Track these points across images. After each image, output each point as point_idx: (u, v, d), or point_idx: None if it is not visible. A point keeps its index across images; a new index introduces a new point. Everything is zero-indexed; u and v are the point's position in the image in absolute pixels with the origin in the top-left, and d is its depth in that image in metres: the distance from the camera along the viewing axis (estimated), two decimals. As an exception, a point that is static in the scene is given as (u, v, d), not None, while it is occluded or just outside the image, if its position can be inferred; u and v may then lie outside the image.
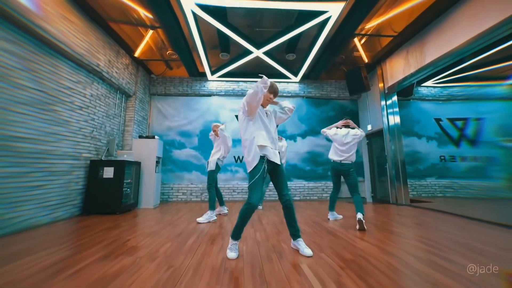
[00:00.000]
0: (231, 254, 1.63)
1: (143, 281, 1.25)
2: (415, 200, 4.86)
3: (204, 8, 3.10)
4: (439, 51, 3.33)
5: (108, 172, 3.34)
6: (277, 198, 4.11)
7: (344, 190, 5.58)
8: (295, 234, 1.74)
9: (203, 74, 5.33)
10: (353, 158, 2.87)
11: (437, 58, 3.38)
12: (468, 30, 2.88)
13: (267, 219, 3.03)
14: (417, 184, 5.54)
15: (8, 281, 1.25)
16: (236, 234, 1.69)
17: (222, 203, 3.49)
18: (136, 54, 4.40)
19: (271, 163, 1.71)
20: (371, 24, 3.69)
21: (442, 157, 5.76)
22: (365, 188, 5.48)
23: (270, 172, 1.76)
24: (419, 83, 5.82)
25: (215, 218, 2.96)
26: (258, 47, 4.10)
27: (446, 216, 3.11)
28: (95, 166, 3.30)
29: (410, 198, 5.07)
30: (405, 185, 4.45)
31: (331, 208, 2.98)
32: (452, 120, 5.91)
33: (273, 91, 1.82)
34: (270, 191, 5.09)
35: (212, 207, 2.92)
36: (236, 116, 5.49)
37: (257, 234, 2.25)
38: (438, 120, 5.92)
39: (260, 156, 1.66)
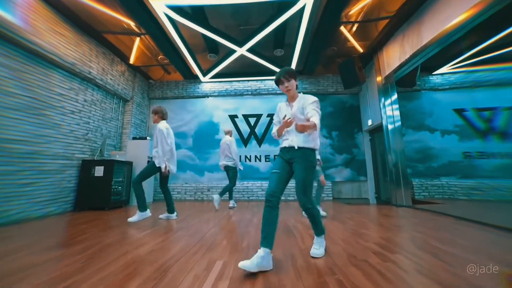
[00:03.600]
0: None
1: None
2: (423, 202, 4.34)
3: (177, 10, 3.19)
4: (435, 30, 2.92)
5: (99, 171, 3.59)
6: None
7: (344, 190, 5.23)
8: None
9: (197, 76, 5.48)
10: None
11: (433, 39, 2.97)
12: (464, 4, 2.50)
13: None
14: (428, 184, 4.94)
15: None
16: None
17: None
18: (131, 61, 4.70)
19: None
20: (356, 8, 3.40)
21: (467, 154, 5.02)
22: (368, 188, 5.07)
23: None
24: (428, 70, 5.22)
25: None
26: (240, 45, 4.08)
27: (443, 219, 2.70)
28: (87, 166, 3.59)
29: (416, 199, 4.57)
30: (406, 185, 4.00)
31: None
32: (477, 110, 5.12)
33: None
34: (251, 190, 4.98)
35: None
36: (230, 116, 5.52)
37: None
38: (460, 111, 5.18)
39: None
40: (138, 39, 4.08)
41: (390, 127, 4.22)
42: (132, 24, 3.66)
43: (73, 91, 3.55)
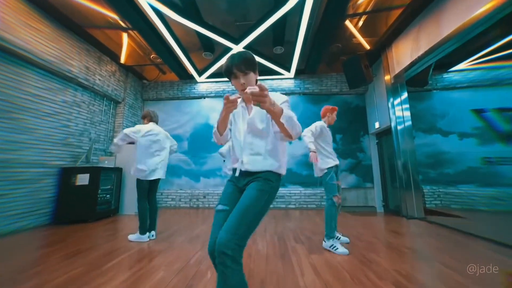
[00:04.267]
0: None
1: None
2: (436, 212, 3.96)
3: (167, 3, 2.88)
4: (457, 20, 2.53)
5: (83, 179, 3.32)
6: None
7: (349, 197, 4.87)
8: None
9: (193, 76, 5.19)
10: None
11: (454, 31, 2.57)
12: None
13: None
14: (442, 192, 4.54)
15: None
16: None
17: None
18: (122, 60, 4.43)
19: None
20: None
21: (487, 159, 4.55)
22: (375, 195, 4.71)
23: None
24: (441, 68, 4.80)
25: None
26: (236, 42, 3.76)
27: (469, 240, 2.34)
28: (67, 174, 3.31)
29: (431, 209, 4.18)
30: (417, 192, 3.63)
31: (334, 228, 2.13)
32: (500, 111, 4.59)
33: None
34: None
35: None
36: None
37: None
38: (479, 112, 4.68)
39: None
40: (125, 35, 3.80)
41: (399, 128, 3.86)
42: (117, 18, 3.37)
43: (50, 92, 3.27)
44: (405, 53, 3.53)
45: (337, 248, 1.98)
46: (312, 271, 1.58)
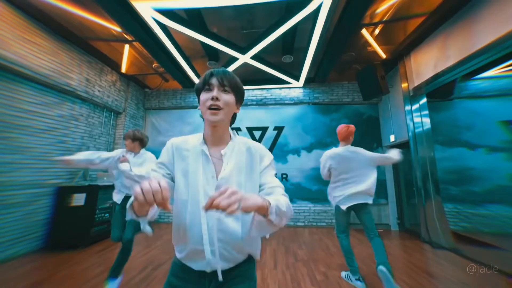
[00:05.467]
0: None
1: None
2: (463, 237, 3.56)
3: (167, 13, 2.67)
4: (492, 34, 2.24)
5: (79, 199, 3.12)
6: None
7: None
8: None
9: (196, 85, 4.97)
10: None
11: (488, 45, 2.29)
12: None
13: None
14: (468, 213, 4.18)
15: None
16: None
17: None
18: (123, 70, 4.24)
19: None
20: (385, 6, 2.79)
21: None
22: (389, 212, 4.41)
23: None
24: (466, 75, 4.43)
25: None
26: (243, 52, 3.53)
27: None
28: (63, 193, 3.10)
29: (456, 232, 3.73)
30: (439, 215, 3.33)
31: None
32: None
33: None
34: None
35: None
36: (232, 129, 4.97)
37: None
38: (508, 123, 4.28)
39: None
40: (127, 46, 3.61)
41: (419, 140, 3.56)
42: (118, 30, 3.19)
43: (46, 107, 3.08)
44: (427, 63, 3.24)
45: (352, 281, 1.98)
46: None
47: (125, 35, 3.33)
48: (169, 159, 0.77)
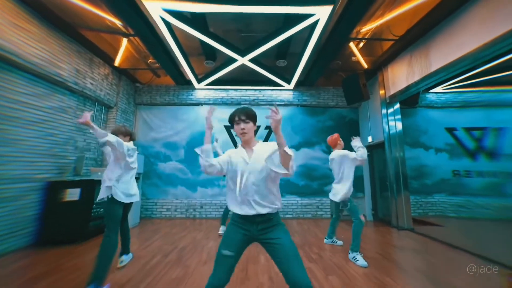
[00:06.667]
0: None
1: None
2: (420, 221, 4.34)
3: (175, 14, 2.77)
4: (446, 58, 2.86)
5: (73, 194, 3.04)
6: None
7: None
8: None
9: (190, 82, 5.03)
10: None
11: (444, 66, 2.91)
12: (480, 35, 2.42)
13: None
14: (423, 202, 4.99)
15: None
16: None
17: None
18: (116, 63, 4.14)
19: None
20: (368, 27, 3.28)
21: (456, 172, 5.14)
22: (365, 205, 5.00)
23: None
24: (426, 89, 5.27)
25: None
26: (242, 54, 3.74)
27: (457, 255, 2.62)
28: (54, 188, 3.01)
29: (414, 217, 4.52)
30: (407, 204, 3.96)
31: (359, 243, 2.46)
32: (468, 130, 5.23)
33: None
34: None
35: None
36: (225, 127, 5.15)
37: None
38: (451, 130, 5.28)
39: None
40: (125, 40, 3.57)
41: (393, 141, 4.16)
42: (118, 23, 3.16)
43: (36, 98, 2.95)
44: (400, 76, 3.81)
45: (358, 260, 2.31)
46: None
47: (123, 28, 3.30)
48: (225, 156, 1.28)
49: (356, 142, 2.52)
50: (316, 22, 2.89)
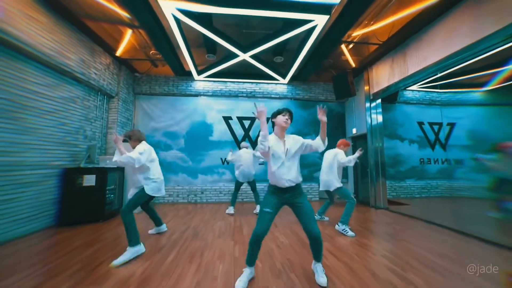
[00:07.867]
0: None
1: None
2: (393, 202, 5.11)
3: (185, 13, 2.95)
4: (419, 65, 3.42)
5: (90, 180, 3.26)
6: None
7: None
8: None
9: (190, 73, 5.17)
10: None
11: (417, 71, 3.47)
12: (442, 48, 2.97)
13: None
14: (397, 186, 5.79)
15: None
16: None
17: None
18: (118, 53, 4.18)
19: None
20: (357, 33, 3.70)
21: (422, 160, 6.02)
22: (349, 189, 5.68)
23: None
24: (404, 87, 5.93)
25: None
26: (244, 50, 4.00)
27: (415, 223, 3.34)
28: (71, 175, 3.20)
29: (389, 199, 5.33)
30: (384, 188, 4.65)
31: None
32: (431, 124, 6.12)
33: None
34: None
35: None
36: (224, 118, 5.44)
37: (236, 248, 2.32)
38: (420, 124, 6.10)
39: None
40: (130, 31, 3.64)
41: (374, 131, 4.78)
42: (125, 15, 3.25)
43: (49, 88, 3.04)
44: (383, 76, 4.34)
45: (348, 232, 2.79)
46: (331, 255, 2.17)
47: (129, 21, 3.37)
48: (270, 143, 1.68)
49: (356, 155, 3.01)
50: (314, 27, 3.24)
